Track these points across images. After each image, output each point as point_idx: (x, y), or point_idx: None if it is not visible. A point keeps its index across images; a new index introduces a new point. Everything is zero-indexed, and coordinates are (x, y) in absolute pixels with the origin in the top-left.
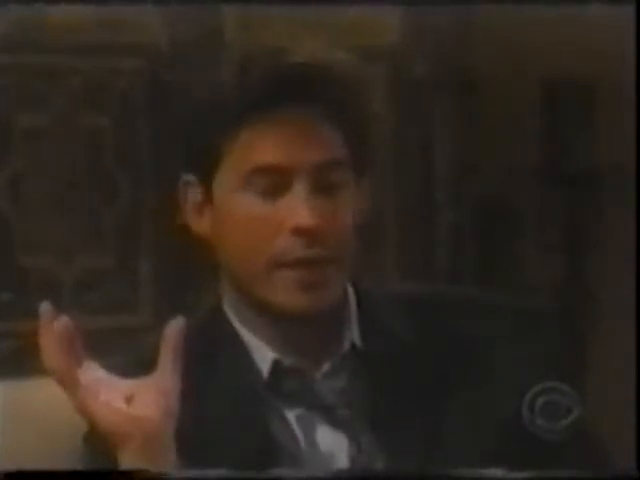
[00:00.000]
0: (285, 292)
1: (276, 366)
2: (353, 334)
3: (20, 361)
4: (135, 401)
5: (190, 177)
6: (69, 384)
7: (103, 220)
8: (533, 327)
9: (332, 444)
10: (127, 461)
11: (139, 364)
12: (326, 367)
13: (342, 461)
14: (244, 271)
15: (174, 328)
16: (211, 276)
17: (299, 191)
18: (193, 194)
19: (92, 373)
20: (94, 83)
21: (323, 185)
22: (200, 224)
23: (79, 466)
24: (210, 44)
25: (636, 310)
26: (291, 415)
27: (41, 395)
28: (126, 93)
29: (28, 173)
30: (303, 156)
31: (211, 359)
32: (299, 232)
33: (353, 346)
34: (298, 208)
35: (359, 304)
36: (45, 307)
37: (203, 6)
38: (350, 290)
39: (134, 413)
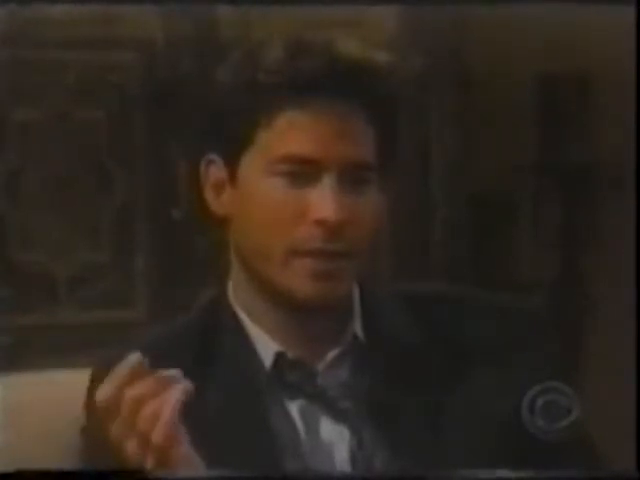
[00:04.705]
0: (299, 280)
1: (279, 358)
2: (356, 326)
3: (16, 356)
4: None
5: (214, 156)
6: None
7: (99, 216)
8: (532, 327)
9: (333, 436)
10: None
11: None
12: (329, 358)
13: (343, 453)
14: (261, 255)
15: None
16: (211, 270)
17: (327, 185)
18: (215, 173)
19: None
20: (90, 78)
21: (350, 182)
22: (219, 204)
23: (76, 461)
24: (205, 39)
25: (636, 309)
26: (293, 407)
27: (37, 389)
28: (122, 87)
29: (24, 168)
30: (336, 152)
31: (212, 351)
32: (322, 225)
33: (355, 338)
34: (325, 201)
35: (362, 298)
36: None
37: (199, 1)
38: (355, 284)
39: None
